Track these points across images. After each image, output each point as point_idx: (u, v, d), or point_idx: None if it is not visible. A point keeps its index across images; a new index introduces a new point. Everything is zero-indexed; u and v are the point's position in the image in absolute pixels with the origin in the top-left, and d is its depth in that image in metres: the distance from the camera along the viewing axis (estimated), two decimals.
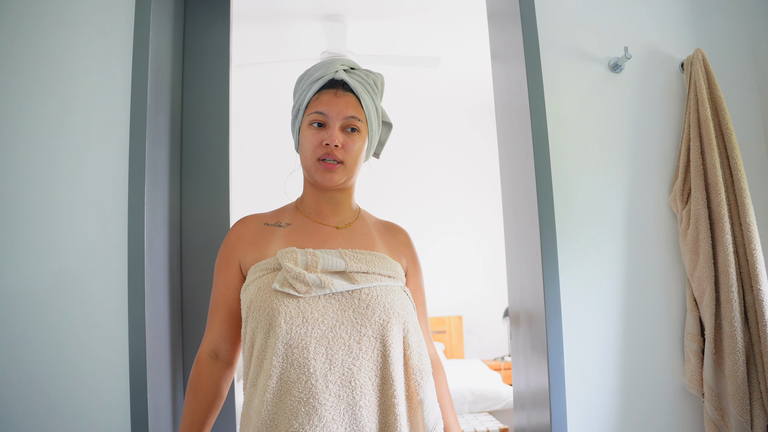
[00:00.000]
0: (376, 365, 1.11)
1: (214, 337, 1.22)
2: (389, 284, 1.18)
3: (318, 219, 1.26)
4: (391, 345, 1.12)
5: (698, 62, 1.55)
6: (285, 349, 1.07)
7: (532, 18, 1.57)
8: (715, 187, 1.48)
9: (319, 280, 1.11)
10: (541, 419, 1.48)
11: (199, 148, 1.68)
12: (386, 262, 1.21)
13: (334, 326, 1.10)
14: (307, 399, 1.04)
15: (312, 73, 1.25)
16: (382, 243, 1.27)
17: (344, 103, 1.21)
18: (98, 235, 1.42)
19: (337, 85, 1.23)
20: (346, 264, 1.15)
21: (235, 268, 1.22)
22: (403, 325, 1.15)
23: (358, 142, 1.21)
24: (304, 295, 1.10)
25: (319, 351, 1.07)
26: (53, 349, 1.39)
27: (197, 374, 1.19)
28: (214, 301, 1.24)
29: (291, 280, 1.10)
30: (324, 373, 1.06)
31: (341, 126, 1.20)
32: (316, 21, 3.63)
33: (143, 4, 1.48)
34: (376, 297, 1.14)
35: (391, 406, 1.10)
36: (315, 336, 1.08)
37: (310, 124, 1.21)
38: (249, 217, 1.28)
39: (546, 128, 1.52)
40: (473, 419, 3.40)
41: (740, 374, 1.41)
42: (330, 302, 1.12)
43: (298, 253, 1.15)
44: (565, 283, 1.51)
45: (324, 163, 1.19)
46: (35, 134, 1.46)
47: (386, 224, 1.35)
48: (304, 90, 1.25)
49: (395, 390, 1.10)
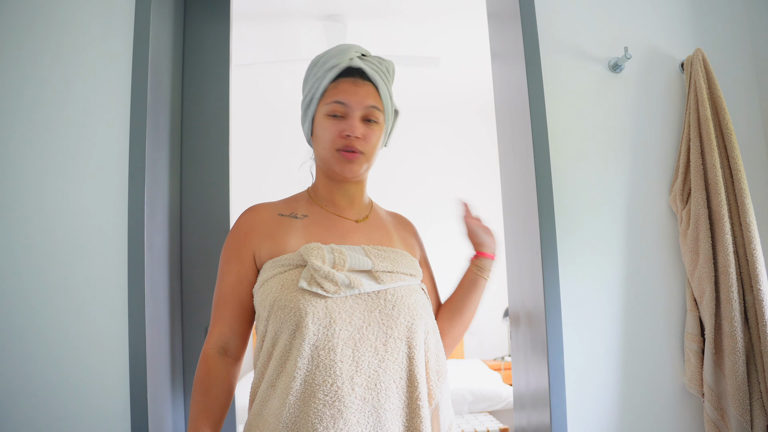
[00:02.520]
0: (402, 367, 1.08)
1: (223, 332, 1.15)
2: (411, 283, 1.16)
3: (335, 211, 1.21)
4: (416, 347, 1.10)
5: (698, 62, 1.55)
6: (311, 350, 1.03)
7: (532, 18, 1.57)
8: (715, 187, 1.48)
9: (348, 280, 1.07)
10: (541, 419, 1.48)
11: (199, 148, 1.68)
12: (407, 260, 1.18)
13: (361, 327, 1.06)
14: (332, 402, 1.01)
15: (326, 60, 1.19)
16: (397, 237, 1.24)
17: (364, 92, 1.16)
18: (98, 235, 1.42)
19: (354, 74, 1.18)
20: (373, 263, 1.12)
21: (249, 261, 1.15)
22: (425, 326, 1.13)
23: (377, 132, 1.18)
24: (332, 295, 1.06)
25: (345, 353, 1.04)
26: (53, 348, 1.39)
27: (206, 372, 1.13)
28: (222, 295, 1.16)
29: (319, 279, 1.06)
30: (350, 375, 1.03)
31: (361, 116, 1.16)
32: (316, 21, 3.63)
33: (143, 4, 1.48)
34: (401, 298, 1.11)
35: (417, 408, 1.07)
36: (342, 338, 1.04)
37: (328, 114, 1.17)
38: (260, 205, 1.21)
39: (546, 128, 1.52)
40: (473, 419, 3.40)
41: (740, 374, 1.41)
42: (357, 303, 1.08)
43: (324, 249, 1.10)
44: (564, 282, 1.51)
45: (344, 153, 1.15)
46: (35, 134, 1.46)
47: (395, 216, 1.32)
48: (319, 78, 1.19)
49: (419, 392, 1.08)
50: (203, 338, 1.60)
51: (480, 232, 1.31)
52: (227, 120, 1.71)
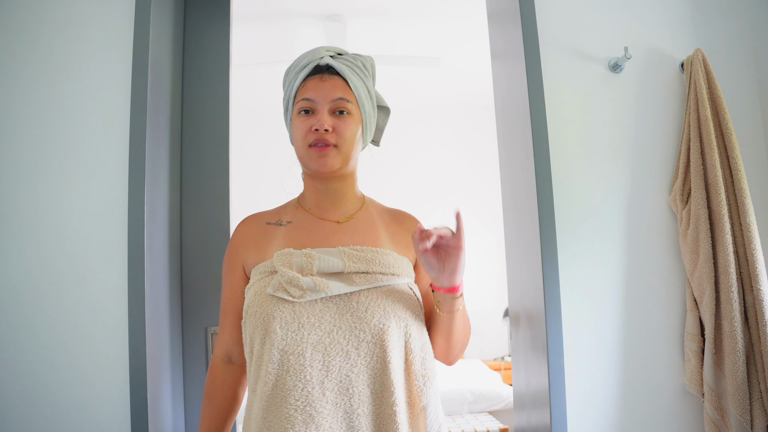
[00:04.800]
0: (375, 372, 1.05)
1: (226, 341, 1.19)
2: (392, 283, 1.12)
3: (319, 214, 1.21)
4: (392, 350, 1.06)
5: (698, 62, 1.55)
6: (280, 355, 1.04)
7: (532, 18, 1.57)
8: (715, 187, 1.48)
9: (313, 283, 1.06)
10: (541, 419, 1.48)
11: (199, 148, 1.68)
12: (389, 259, 1.14)
13: (330, 331, 1.05)
14: (303, 407, 1.01)
15: (298, 62, 1.21)
16: (387, 235, 1.21)
17: (330, 86, 1.16)
18: (98, 235, 1.42)
19: (323, 71, 1.19)
20: (344, 264, 1.10)
21: (240, 271, 1.19)
22: (404, 329, 1.10)
23: (351, 124, 1.16)
24: (298, 300, 1.06)
25: (315, 357, 1.03)
26: (53, 349, 1.39)
27: (211, 380, 1.18)
28: (223, 305, 1.21)
29: (285, 284, 1.07)
30: (321, 380, 1.03)
31: (330, 109, 1.15)
32: (316, 21, 3.63)
33: (143, 4, 1.48)
34: (375, 299, 1.08)
35: (392, 414, 1.05)
36: (311, 342, 1.04)
37: (299, 112, 1.17)
38: (252, 216, 1.24)
39: (546, 128, 1.52)
40: (473, 419, 3.40)
41: (740, 374, 1.41)
42: (327, 306, 1.07)
43: (293, 254, 1.10)
44: (565, 282, 1.51)
45: (316, 147, 1.14)
46: (35, 134, 1.46)
47: (393, 213, 1.28)
48: (291, 80, 1.21)
49: (395, 397, 1.05)
50: (203, 338, 1.61)
51: (428, 264, 1.09)
52: (227, 120, 1.71)
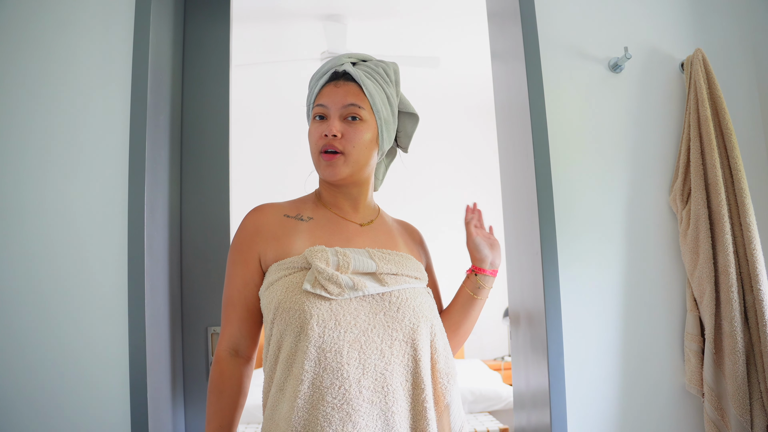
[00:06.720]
0: (407, 369, 1.08)
1: (233, 333, 1.16)
2: (416, 286, 1.16)
3: (340, 214, 1.21)
4: (421, 349, 1.10)
5: (698, 62, 1.55)
6: (318, 353, 1.03)
7: (532, 18, 1.57)
8: (715, 187, 1.48)
9: (352, 282, 1.07)
10: (541, 419, 1.48)
11: (199, 148, 1.68)
12: (412, 263, 1.18)
13: (366, 330, 1.06)
14: (341, 405, 1.01)
15: (321, 68, 1.22)
16: (402, 242, 1.25)
17: (343, 92, 1.17)
18: (98, 235, 1.42)
19: (339, 77, 1.20)
20: (377, 265, 1.12)
21: (254, 264, 1.16)
22: (430, 328, 1.13)
23: (363, 131, 1.16)
24: (336, 297, 1.06)
25: (352, 355, 1.04)
26: (53, 349, 1.39)
27: (219, 374, 1.14)
28: (230, 298, 1.17)
29: (323, 281, 1.06)
30: (358, 378, 1.03)
31: (341, 115, 1.16)
32: (316, 21, 3.63)
33: (143, 4, 1.48)
34: (405, 300, 1.11)
35: (423, 410, 1.07)
36: (348, 340, 1.04)
37: (314, 117, 1.19)
38: (266, 206, 1.21)
39: (546, 128, 1.52)
40: (473, 419, 3.40)
41: (740, 374, 1.41)
42: (361, 305, 1.08)
43: (328, 252, 1.10)
44: (565, 282, 1.51)
45: (324, 156, 1.15)
46: (35, 134, 1.46)
47: (401, 223, 1.34)
48: (312, 86, 1.23)
49: (426, 394, 1.08)
50: (203, 338, 1.61)
51: (482, 245, 1.28)
52: (227, 120, 1.71)
